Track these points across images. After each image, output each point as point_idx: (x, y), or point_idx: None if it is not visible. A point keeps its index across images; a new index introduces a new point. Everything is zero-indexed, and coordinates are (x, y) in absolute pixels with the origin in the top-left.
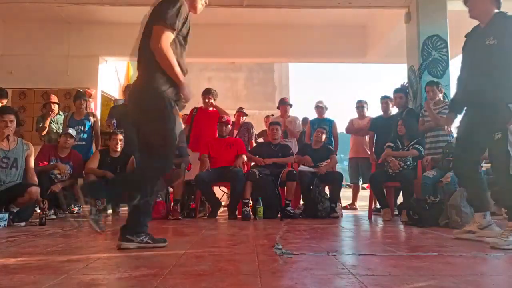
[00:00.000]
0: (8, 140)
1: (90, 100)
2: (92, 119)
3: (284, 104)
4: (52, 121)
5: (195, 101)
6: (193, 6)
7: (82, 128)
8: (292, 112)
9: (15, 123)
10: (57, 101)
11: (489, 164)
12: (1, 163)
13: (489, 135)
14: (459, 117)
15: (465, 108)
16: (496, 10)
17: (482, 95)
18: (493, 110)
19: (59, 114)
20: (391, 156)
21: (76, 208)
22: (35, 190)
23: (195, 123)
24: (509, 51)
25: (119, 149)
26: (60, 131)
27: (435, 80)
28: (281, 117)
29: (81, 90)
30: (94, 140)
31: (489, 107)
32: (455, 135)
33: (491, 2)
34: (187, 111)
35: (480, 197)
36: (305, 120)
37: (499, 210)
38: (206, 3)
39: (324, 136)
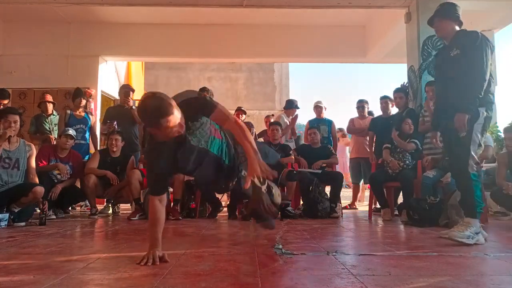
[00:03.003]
0: (10, 140)
1: (91, 100)
2: (92, 118)
3: (294, 107)
4: (46, 122)
5: None
6: None
7: (84, 127)
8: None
9: (18, 124)
10: (52, 100)
11: (489, 165)
12: (3, 163)
13: (456, 135)
14: None
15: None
16: (458, 28)
17: (454, 101)
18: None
19: (53, 115)
20: (390, 157)
21: (80, 207)
22: (40, 190)
23: None
24: (471, 59)
25: (115, 149)
26: (55, 131)
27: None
28: (286, 116)
29: (80, 88)
30: (91, 140)
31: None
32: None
33: (454, 23)
34: None
35: (470, 203)
36: None
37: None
38: None
39: (318, 135)
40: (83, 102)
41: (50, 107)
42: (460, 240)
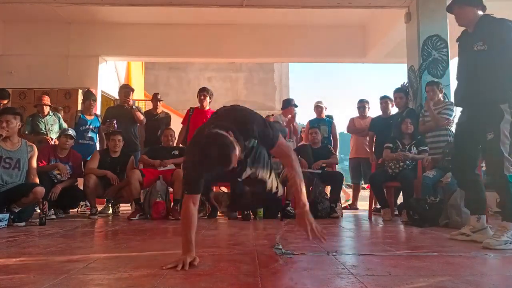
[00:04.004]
0: (11, 140)
1: None
2: (100, 119)
3: (291, 106)
4: (41, 122)
5: (193, 102)
6: None
7: (93, 128)
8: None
9: (14, 123)
10: (49, 103)
11: None
12: (3, 163)
13: (482, 135)
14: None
15: (461, 109)
16: (481, 13)
17: (475, 96)
18: (486, 110)
19: (49, 115)
20: (392, 155)
21: (79, 207)
22: (40, 190)
23: (191, 123)
24: (498, 55)
25: (117, 149)
26: (51, 131)
27: (435, 80)
28: (284, 116)
29: (91, 90)
30: (99, 141)
31: (481, 107)
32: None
33: (476, 8)
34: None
35: (476, 200)
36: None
37: None
38: None
39: (319, 135)
40: (93, 104)
41: (46, 109)
42: (498, 248)
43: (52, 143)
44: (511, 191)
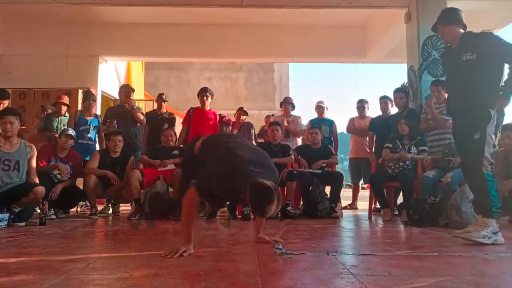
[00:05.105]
0: (10, 141)
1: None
2: (100, 119)
3: (285, 103)
4: (55, 121)
5: (193, 102)
6: None
7: (92, 128)
8: (293, 112)
9: (16, 124)
10: (67, 103)
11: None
12: (3, 165)
13: (470, 137)
14: None
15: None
16: (462, 31)
17: (465, 103)
18: (475, 113)
19: (64, 116)
20: (392, 155)
21: (79, 207)
22: (41, 190)
23: (192, 124)
24: (485, 63)
25: (118, 149)
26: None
27: (441, 79)
28: (283, 116)
29: (90, 91)
30: (98, 141)
31: (471, 112)
32: None
33: (458, 27)
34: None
35: (483, 202)
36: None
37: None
38: None
39: (319, 135)
40: (93, 104)
41: (64, 108)
42: (476, 240)
43: None
44: (489, 189)
